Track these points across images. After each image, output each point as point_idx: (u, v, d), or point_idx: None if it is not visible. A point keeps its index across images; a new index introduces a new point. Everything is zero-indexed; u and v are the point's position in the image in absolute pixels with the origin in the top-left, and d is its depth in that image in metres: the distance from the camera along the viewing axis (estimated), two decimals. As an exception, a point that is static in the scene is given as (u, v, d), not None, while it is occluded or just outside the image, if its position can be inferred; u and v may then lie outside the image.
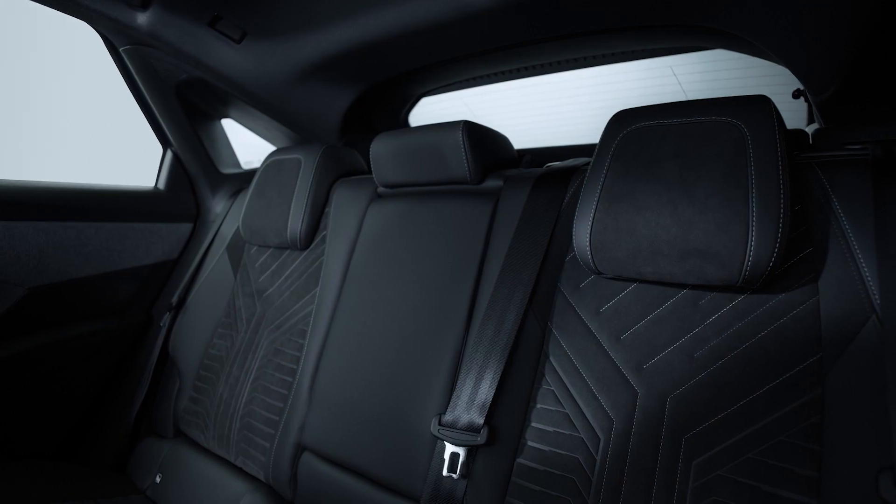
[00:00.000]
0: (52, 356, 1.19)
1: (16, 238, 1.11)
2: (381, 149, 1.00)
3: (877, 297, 0.53)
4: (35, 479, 1.02)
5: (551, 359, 0.71)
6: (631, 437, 0.62)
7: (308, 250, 1.12)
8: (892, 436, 0.46)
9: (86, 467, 1.16)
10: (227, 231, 1.35)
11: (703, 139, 0.62)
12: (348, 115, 1.39)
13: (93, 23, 1.07)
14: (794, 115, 1.08)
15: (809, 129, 0.85)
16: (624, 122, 0.70)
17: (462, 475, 0.70)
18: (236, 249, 1.30)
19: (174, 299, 1.31)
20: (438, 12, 0.94)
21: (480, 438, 0.69)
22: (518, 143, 1.33)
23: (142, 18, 1.06)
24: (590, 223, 0.67)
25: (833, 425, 0.51)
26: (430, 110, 1.55)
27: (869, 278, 0.54)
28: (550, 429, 0.68)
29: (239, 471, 1.02)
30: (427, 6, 0.93)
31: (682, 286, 0.65)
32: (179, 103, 1.28)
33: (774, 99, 0.67)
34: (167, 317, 1.31)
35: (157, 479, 1.11)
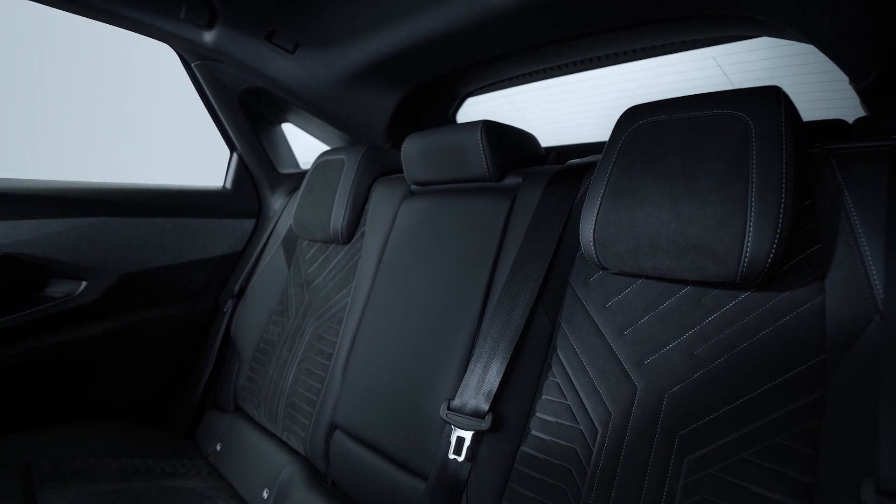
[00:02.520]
0: (137, 334, 1.37)
1: (110, 231, 1.29)
2: (410, 149, 1.06)
3: (882, 295, 0.50)
4: (121, 436, 1.19)
5: (558, 351, 0.73)
6: (627, 432, 0.62)
7: (349, 244, 1.21)
8: (879, 440, 0.44)
9: (163, 432, 1.32)
10: (283, 227, 1.47)
11: (708, 133, 0.61)
12: (395, 116, 1.46)
13: (169, 42, 1.22)
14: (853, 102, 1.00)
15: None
16: (633, 118, 0.70)
17: (467, 458, 0.73)
18: (290, 243, 1.41)
19: (236, 288, 1.45)
20: (468, 16, 0.98)
21: (485, 424, 0.72)
22: (560, 139, 1.33)
23: (208, 36, 1.19)
24: (594, 218, 0.68)
25: (830, 430, 0.49)
26: (478, 109, 1.58)
27: (875, 277, 0.50)
28: (553, 419, 0.70)
29: (284, 444, 1.12)
30: (457, 11, 0.97)
31: (686, 283, 0.64)
32: (242, 111, 1.42)
33: (830, 87, 0.64)
34: (230, 304, 1.45)
35: (218, 448, 1.24)
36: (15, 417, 1.20)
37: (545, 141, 1.28)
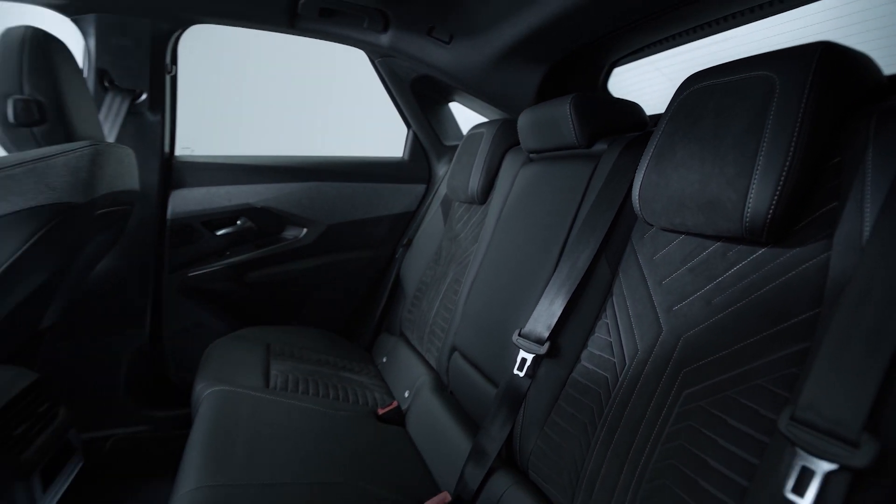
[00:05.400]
0: (336, 270, 1.84)
1: (321, 193, 1.75)
2: (523, 122, 1.20)
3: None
4: (321, 338, 1.67)
5: (613, 297, 0.83)
6: (646, 366, 0.71)
7: (484, 205, 1.42)
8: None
9: (349, 342, 1.78)
10: (443, 190, 1.76)
11: (742, 95, 0.63)
12: (542, 89, 1.59)
13: (358, 46, 1.59)
14: None
15: None
16: (687, 85, 0.73)
17: (527, 375, 0.89)
18: (446, 204, 1.69)
19: (405, 240, 1.81)
20: None
21: (543, 350, 0.87)
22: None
23: (384, 38, 1.51)
24: (641, 179, 0.75)
25: (804, 377, 0.53)
26: (625, 77, 1.58)
27: (867, 233, 0.50)
28: (597, 352, 0.81)
29: (425, 361, 1.42)
30: None
31: (716, 238, 0.68)
32: (414, 95, 1.74)
33: None
34: (401, 251, 1.82)
35: (384, 360, 1.63)
36: (265, 315, 1.78)
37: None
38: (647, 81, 1.55)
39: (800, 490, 0.44)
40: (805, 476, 0.44)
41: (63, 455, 0.83)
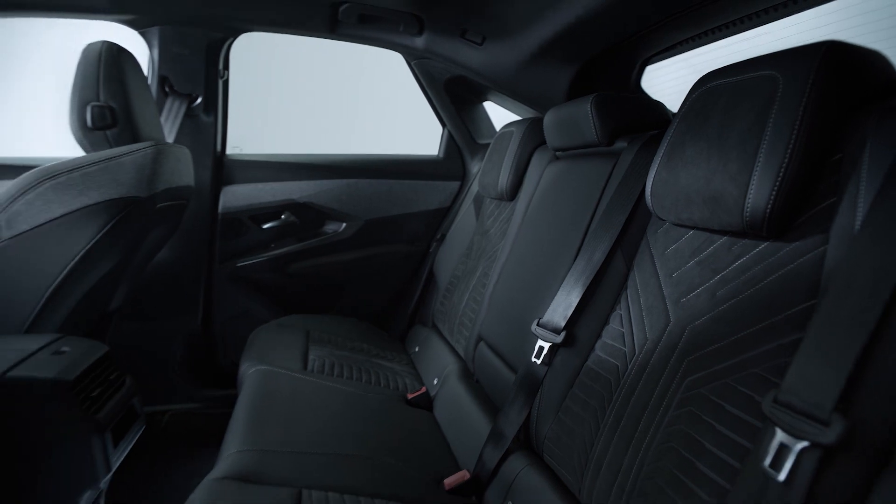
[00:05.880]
0: (373, 263, 1.93)
1: (359, 189, 1.84)
2: (548, 121, 1.24)
3: None
4: (357, 327, 1.76)
5: (628, 290, 0.86)
6: (653, 355, 0.74)
7: (513, 202, 1.46)
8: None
9: (384, 332, 1.87)
10: (476, 187, 1.82)
11: (748, 94, 0.65)
12: (573, 88, 1.61)
13: (395, 49, 1.66)
14: None
15: None
16: (699, 85, 0.76)
17: (544, 363, 0.94)
18: (478, 200, 1.75)
19: (438, 235, 1.88)
20: None
21: (559, 339, 0.91)
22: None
23: (419, 41, 1.57)
24: (653, 175, 0.79)
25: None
26: (657, 75, 1.58)
27: (857, 227, 0.51)
28: (610, 342, 0.85)
29: (454, 350, 1.49)
30: None
31: (723, 233, 0.70)
32: (448, 95, 1.80)
33: None
34: (435, 246, 1.89)
35: (416, 349, 1.70)
36: (305, 304, 1.89)
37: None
38: (685, 80, 1.54)
39: (777, 465, 0.47)
40: (782, 453, 0.47)
41: (128, 418, 0.95)
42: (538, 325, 0.98)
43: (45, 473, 0.82)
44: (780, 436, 0.48)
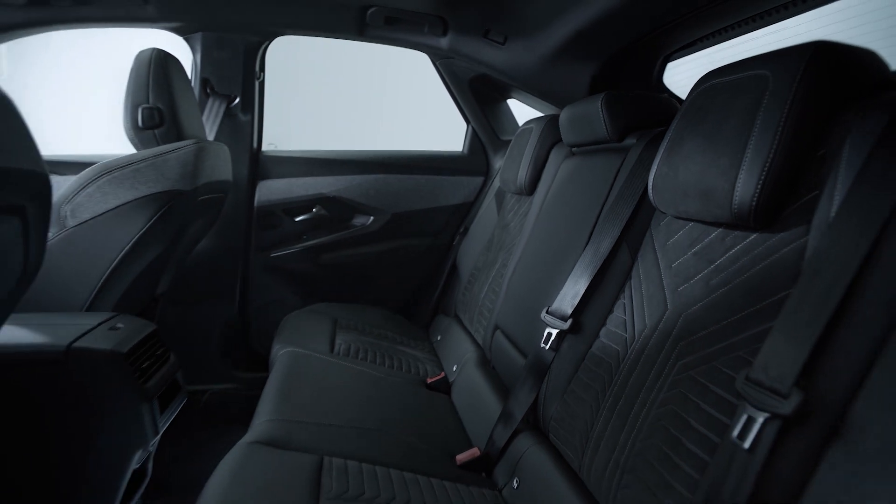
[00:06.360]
0: (400, 255, 2.01)
1: (387, 184, 1.92)
2: (564, 117, 1.28)
3: None
4: (382, 316, 1.84)
5: (632, 280, 0.90)
6: (650, 341, 0.79)
7: (531, 196, 1.51)
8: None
9: (407, 321, 1.94)
10: (498, 182, 1.87)
11: (742, 92, 0.69)
12: (594, 85, 1.64)
13: (421, 50, 1.73)
14: None
15: None
16: (700, 83, 0.79)
17: (552, 348, 0.99)
18: (500, 195, 1.80)
19: (462, 229, 1.94)
20: None
21: (566, 325, 0.96)
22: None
23: (443, 42, 1.63)
24: (654, 170, 0.82)
25: None
26: (680, 71, 1.58)
27: (832, 218, 0.54)
28: (613, 329, 0.89)
29: (473, 339, 1.55)
30: None
31: (717, 225, 0.74)
32: (472, 93, 1.85)
33: None
34: (458, 239, 1.95)
35: (439, 338, 1.77)
36: (335, 293, 1.99)
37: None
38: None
39: (743, 436, 0.51)
40: (749, 425, 0.51)
41: (172, 390, 1.06)
42: (547, 312, 1.03)
43: (104, 433, 0.93)
44: (748, 409, 0.52)
